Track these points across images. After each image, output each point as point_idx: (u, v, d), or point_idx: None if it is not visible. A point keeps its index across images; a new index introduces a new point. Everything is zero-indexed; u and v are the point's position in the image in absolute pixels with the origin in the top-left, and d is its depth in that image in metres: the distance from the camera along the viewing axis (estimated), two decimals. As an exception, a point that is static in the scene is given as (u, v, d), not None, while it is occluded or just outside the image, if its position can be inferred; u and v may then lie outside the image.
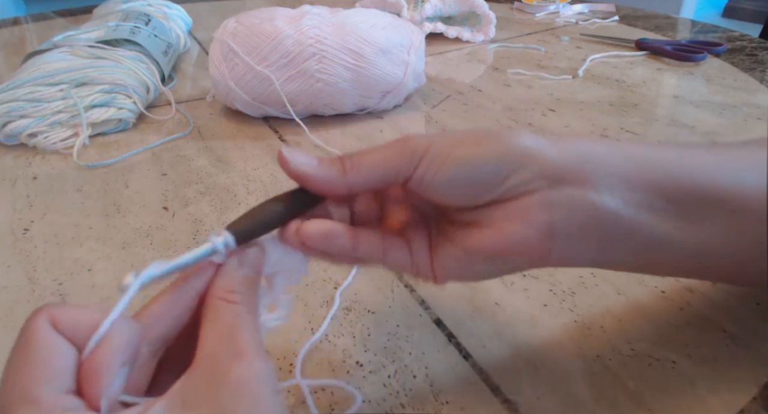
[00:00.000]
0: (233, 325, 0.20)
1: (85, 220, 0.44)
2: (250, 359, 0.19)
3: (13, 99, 0.54)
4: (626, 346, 0.31)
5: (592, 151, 0.25)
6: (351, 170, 0.24)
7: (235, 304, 0.21)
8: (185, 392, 0.19)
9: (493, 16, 0.83)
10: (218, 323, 0.21)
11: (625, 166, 0.25)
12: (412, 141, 0.24)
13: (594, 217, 0.24)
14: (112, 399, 0.18)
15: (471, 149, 0.24)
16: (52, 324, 0.19)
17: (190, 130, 0.58)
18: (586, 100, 0.64)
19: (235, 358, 0.19)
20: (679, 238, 0.25)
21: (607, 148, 0.25)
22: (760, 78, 0.69)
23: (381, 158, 0.24)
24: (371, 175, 0.24)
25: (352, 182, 0.24)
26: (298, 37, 0.54)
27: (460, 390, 0.29)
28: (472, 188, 0.24)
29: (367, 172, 0.24)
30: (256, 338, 0.20)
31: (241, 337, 0.20)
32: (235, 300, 0.22)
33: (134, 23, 0.68)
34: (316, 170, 0.24)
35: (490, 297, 0.35)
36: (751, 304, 0.33)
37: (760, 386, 0.28)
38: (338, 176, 0.24)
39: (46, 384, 0.17)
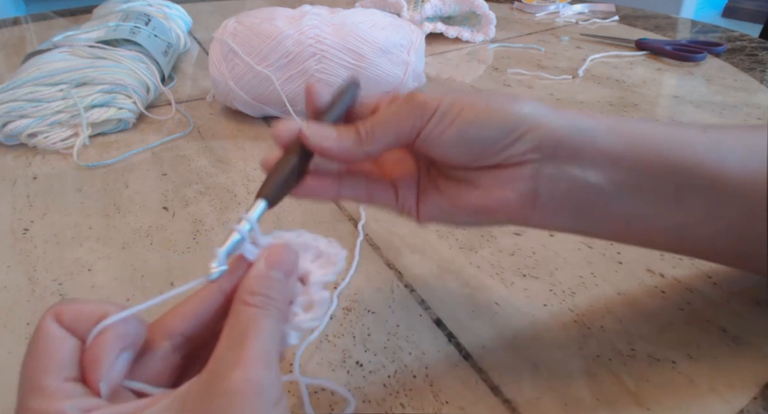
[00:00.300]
0: (246, 330, 0.20)
1: (85, 220, 0.44)
2: (249, 367, 0.19)
3: (13, 99, 0.54)
4: (626, 346, 0.31)
5: (586, 126, 0.26)
6: (367, 139, 0.26)
7: (254, 308, 0.21)
8: (187, 394, 0.19)
9: (493, 16, 0.83)
10: (233, 327, 0.20)
11: (614, 143, 0.26)
12: (421, 99, 0.25)
13: (576, 191, 0.26)
14: (113, 383, 0.19)
15: (479, 114, 0.25)
16: (57, 319, 0.20)
17: (190, 130, 0.58)
18: (586, 100, 0.64)
19: (234, 365, 0.19)
20: (657, 217, 0.26)
21: (599, 124, 0.26)
22: (760, 78, 0.69)
23: (393, 122, 0.26)
24: (385, 140, 0.26)
25: (369, 150, 0.26)
26: (298, 37, 0.54)
27: (460, 390, 0.29)
28: (473, 153, 0.26)
29: (381, 138, 0.26)
30: (268, 345, 0.20)
31: (247, 344, 0.19)
32: (255, 303, 0.21)
33: (134, 23, 0.68)
34: (335, 145, 0.25)
35: (490, 297, 0.35)
36: (751, 304, 0.33)
37: (760, 386, 0.28)
38: (356, 147, 0.26)
39: (50, 373, 0.19)
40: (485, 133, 0.25)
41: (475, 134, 0.25)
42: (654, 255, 0.38)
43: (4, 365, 0.31)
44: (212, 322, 0.22)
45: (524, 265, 0.37)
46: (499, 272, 0.37)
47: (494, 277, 0.37)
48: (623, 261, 0.38)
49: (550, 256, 0.38)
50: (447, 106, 0.25)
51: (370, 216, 0.43)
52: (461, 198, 0.27)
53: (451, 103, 0.25)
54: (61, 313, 0.20)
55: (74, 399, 0.18)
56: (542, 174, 0.25)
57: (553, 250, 0.39)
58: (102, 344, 0.19)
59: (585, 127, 0.26)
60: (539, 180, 0.26)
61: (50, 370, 0.19)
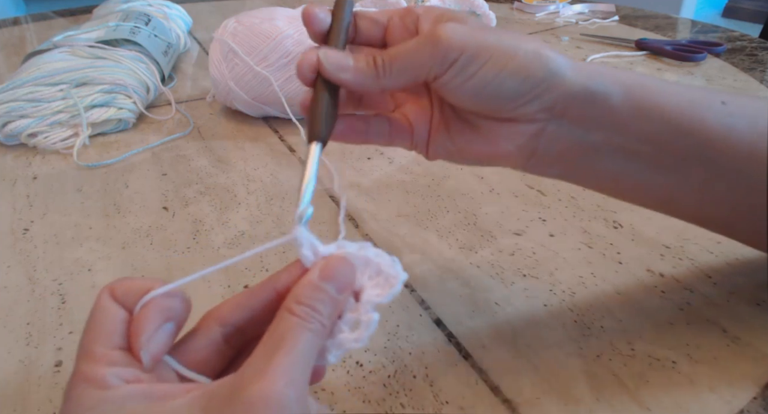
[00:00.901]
0: (281, 341, 0.19)
1: (85, 220, 0.44)
2: (272, 382, 0.18)
3: (13, 99, 0.54)
4: (626, 346, 0.31)
5: (603, 89, 0.26)
6: (384, 74, 0.25)
7: (296, 318, 0.20)
8: (213, 395, 0.18)
9: (493, 16, 0.83)
10: (272, 333, 0.20)
11: (626, 111, 0.26)
12: (445, 41, 0.24)
13: (574, 149, 0.27)
14: (154, 354, 0.20)
15: (502, 68, 0.25)
16: (110, 294, 0.21)
17: (190, 130, 0.58)
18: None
19: (256, 376, 0.18)
20: (650, 182, 0.27)
21: (616, 86, 0.26)
22: (760, 78, 0.69)
23: (413, 60, 0.25)
24: (402, 77, 0.25)
25: (384, 84, 0.26)
26: (298, 37, 0.54)
27: (460, 390, 0.29)
28: (488, 106, 0.26)
29: (398, 74, 0.25)
30: (299, 360, 0.19)
31: (277, 355, 0.19)
32: (299, 313, 0.20)
33: (134, 23, 0.68)
34: (352, 75, 0.25)
35: (490, 297, 0.35)
36: (751, 304, 0.33)
37: (760, 386, 0.28)
38: (372, 79, 0.25)
39: (99, 341, 0.20)
40: (504, 90, 0.25)
41: (494, 90, 0.25)
42: (654, 255, 0.38)
43: (4, 365, 0.31)
44: (263, 317, 0.22)
45: (524, 265, 0.37)
46: (499, 272, 0.37)
47: (494, 277, 0.37)
48: (623, 261, 0.38)
49: (550, 256, 0.38)
50: (470, 56, 0.24)
51: (370, 216, 0.43)
52: (467, 145, 0.28)
53: (475, 51, 0.24)
54: (114, 288, 0.21)
55: (118, 367, 0.19)
56: (546, 131, 0.26)
57: (553, 250, 0.39)
58: (145, 315, 0.20)
59: (601, 90, 0.26)
60: (542, 137, 0.27)
61: (100, 338, 0.20)
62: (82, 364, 0.19)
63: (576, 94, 0.25)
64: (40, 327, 0.34)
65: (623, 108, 0.26)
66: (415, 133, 0.29)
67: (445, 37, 0.24)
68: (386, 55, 0.25)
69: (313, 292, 0.21)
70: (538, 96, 0.25)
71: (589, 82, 0.26)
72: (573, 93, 0.25)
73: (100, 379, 0.19)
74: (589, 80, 0.26)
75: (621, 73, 0.27)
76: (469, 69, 0.25)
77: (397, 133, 0.29)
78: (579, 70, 0.26)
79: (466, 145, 0.28)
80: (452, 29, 0.24)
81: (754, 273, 0.35)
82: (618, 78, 0.26)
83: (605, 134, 0.26)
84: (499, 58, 0.25)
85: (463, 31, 0.25)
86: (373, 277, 0.23)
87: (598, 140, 0.26)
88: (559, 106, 0.26)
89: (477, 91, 0.25)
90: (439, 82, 0.25)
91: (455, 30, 0.25)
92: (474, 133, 0.28)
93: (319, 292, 0.21)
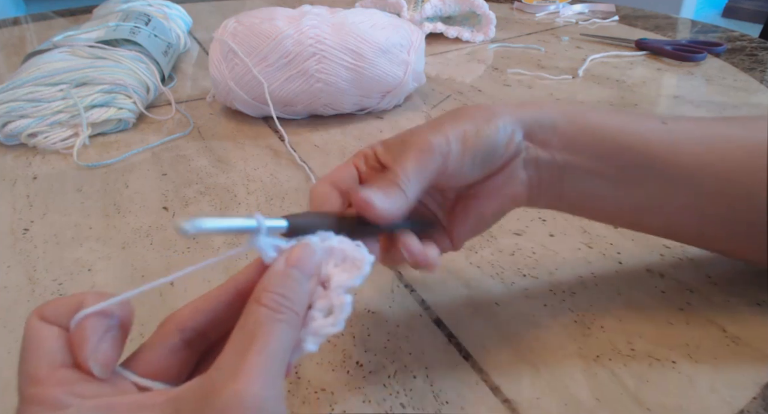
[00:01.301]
0: (253, 336, 0.19)
1: (85, 220, 0.44)
2: (248, 383, 0.17)
3: (13, 99, 0.54)
4: (626, 346, 0.31)
5: (547, 114, 0.29)
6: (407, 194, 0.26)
7: (266, 308, 0.19)
8: (181, 401, 0.18)
9: (493, 16, 0.83)
10: (242, 328, 0.19)
11: (568, 130, 0.29)
12: (433, 144, 0.26)
13: (553, 176, 0.29)
14: (104, 362, 0.19)
15: (479, 130, 0.27)
16: (39, 316, 0.20)
17: (190, 130, 0.58)
18: (586, 100, 0.64)
19: (230, 377, 0.17)
20: (614, 197, 0.30)
21: (557, 112, 0.29)
22: (760, 78, 0.69)
23: (422, 173, 0.26)
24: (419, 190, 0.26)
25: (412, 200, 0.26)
26: (298, 37, 0.54)
27: (460, 390, 0.29)
28: (487, 161, 0.28)
29: (415, 191, 0.26)
30: (274, 356, 0.18)
31: (250, 353, 0.18)
32: (268, 303, 0.20)
33: (134, 23, 0.68)
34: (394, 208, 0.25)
35: (490, 297, 0.35)
36: (751, 304, 0.33)
37: (760, 386, 0.28)
38: (404, 205, 0.26)
39: (40, 362, 0.19)
40: (491, 142, 0.28)
41: (485, 148, 0.28)
42: (654, 255, 0.38)
43: (4, 365, 0.31)
44: (226, 318, 0.22)
45: (524, 265, 0.37)
46: (499, 272, 0.37)
47: (494, 277, 0.37)
48: (623, 261, 0.38)
49: (550, 256, 0.38)
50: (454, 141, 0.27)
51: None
52: (481, 211, 0.30)
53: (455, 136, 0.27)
54: (42, 310, 0.20)
55: (69, 385, 0.18)
56: (529, 161, 0.29)
57: (553, 250, 0.39)
58: (84, 327, 0.20)
59: (547, 119, 0.29)
60: (528, 166, 0.29)
61: (39, 359, 0.19)
62: (29, 389, 0.18)
63: (530, 124, 0.29)
64: (40, 327, 0.34)
65: (568, 130, 0.29)
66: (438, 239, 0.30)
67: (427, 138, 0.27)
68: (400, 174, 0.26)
69: (281, 278, 0.21)
70: (514, 133, 0.28)
71: (535, 113, 0.29)
72: (530, 124, 0.29)
73: (53, 399, 0.18)
74: (536, 112, 0.29)
75: (563, 105, 0.30)
76: (459, 151, 0.27)
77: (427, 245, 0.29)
78: (524, 108, 0.29)
79: (481, 212, 0.30)
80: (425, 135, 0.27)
81: (754, 273, 0.35)
82: (560, 108, 0.30)
83: (564, 155, 0.29)
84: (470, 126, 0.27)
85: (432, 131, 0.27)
86: (339, 264, 0.23)
87: (562, 160, 0.29)
88: (526, 137, 0.29)
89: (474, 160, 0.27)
90: (446, 173, 0.27)
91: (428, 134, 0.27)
92: (480, 199, 0.29)
93: (287, 279, 0.21)
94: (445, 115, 0.29)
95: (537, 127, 0.29)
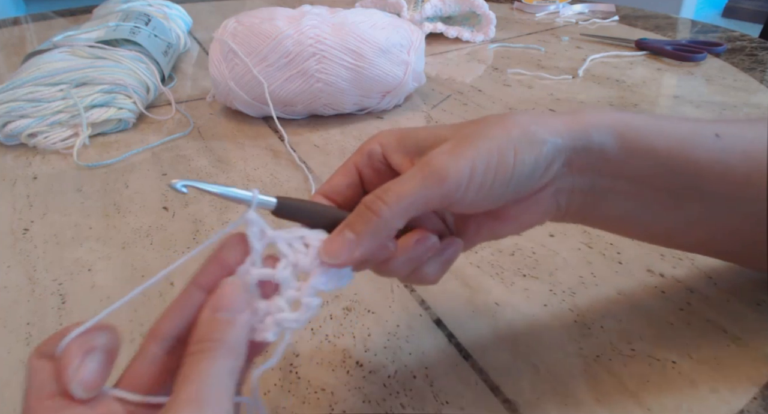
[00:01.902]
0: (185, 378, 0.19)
1: (85, 220, 0.44)
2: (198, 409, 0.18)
3: (13, 99, 0.54)
4: (626, 346, 0.31)
5: (595, 135, 0.26)
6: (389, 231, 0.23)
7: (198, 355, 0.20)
8: None
9: (493, 16, 0.83)
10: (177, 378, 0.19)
11: (622, 157, 0.26)
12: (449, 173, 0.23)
13: (584, 200, 0.27)
14: (87, 383, 0.19)
15: (513, 158, 0.24)
16: (36, 354, 0.21)
17: (190, 130, 0.58)
18: (586, 100, 0.64)
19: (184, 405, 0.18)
20: (652, 220, 0.28)
21: (611, 135, 0.26)
22: (760, 78, 0.69)
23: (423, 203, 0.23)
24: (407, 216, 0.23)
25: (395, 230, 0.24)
26: (298, 37, 0.54)
27: (460, 390, 0.29)
28: (513, 193, 0.25)
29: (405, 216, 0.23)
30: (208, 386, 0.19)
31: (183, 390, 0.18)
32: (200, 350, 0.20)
33: (134, 23, 0.68)
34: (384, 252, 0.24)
35: (490, 297, 0.35)
36: (751, 304, 0.33)
37: (760, 386, 0.28)
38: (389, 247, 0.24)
39: (32, 395, 0.19)
40: (519, 183, 0.25)
41: (516, 184, 0.25)
42: (654, 255, 0.38)
43: (4, 365, 0.31)
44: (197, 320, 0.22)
45: (524, 265, 0.37)
46: (499, 272, 0.37)
47: (494, 277, 0.37)
48: (623, 261, 0.38)
49: (550, 256, 0.38)
50: (480, 174, 0.23)
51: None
52: (495, 231, 0.27)
53: (482, 168, 0.23)
54: (39, 347, 0.21)
55: (54, 412, 0.19)
56: (562, 189, 0.26)
57: (553, 250, 0.39)
58: (65, 353, 0.20)
59: (595, 141, 0.26)
60: (560, 195, 0.27)
61: (30, 393, 0.19)
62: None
63: (574, 149, 0.25)
64: (40, 327, 0.34)
65: (618, 155, 0.26)
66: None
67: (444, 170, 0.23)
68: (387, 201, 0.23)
69: (209, 325, 0.20)
70: (551, 164, 0.25)
71: (583, 135, 0.26)
72: (572, 145, 0.25)
73: None
74: (584, 134, 0.26)
75: (611, 117, 0.26)
76: (486, 184, 0.24)
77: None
78: (570, 128, 0.25)
79: (494, 231, 0.28)
80: (446, 160, 0.23)
81: (754, 273, 0.35)
82: (609, 124, 0.26)
83: (606, 180, 0.26)
84: (501, 160, 0.24)
85: (455, 155, 0.24)
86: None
87: (602, 186, 0.26)
88: (567, 163, 0.26)
89: (502, 194, 0.25)
90: (456, 205, 0.24)
91: (449, 159, 0.23)
92: (497, 220, 0.27)
93: (216, 323, 0.20)
94: (477, 126, 0.25)
95: (583, 152, 0.26)
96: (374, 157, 0.27)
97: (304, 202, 0.25)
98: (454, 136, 0.25)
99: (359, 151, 0.27)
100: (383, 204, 0.23)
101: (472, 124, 0.26)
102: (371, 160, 0.27)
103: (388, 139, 0.27)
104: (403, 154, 0.26)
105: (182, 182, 0.22)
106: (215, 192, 0.22)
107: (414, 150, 0.26)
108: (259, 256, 0.22)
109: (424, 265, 0.26)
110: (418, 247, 0.25)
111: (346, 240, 0.23)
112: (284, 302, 0.22)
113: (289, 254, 0.23)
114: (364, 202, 0.23)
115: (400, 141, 0.27)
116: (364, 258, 0.23)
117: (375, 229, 0.23)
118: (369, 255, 0.23)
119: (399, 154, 0.26)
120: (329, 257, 0.22)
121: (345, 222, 0.23)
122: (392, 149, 0.27)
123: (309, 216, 0.24)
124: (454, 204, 0.24)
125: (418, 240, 0.25)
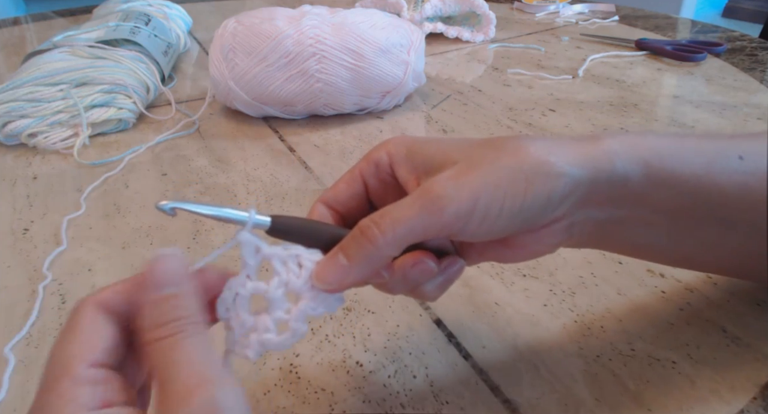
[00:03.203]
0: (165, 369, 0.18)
1: (85, 220, 0.44)
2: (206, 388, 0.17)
3: (13, 99, 0.54)
4: (626, 346, 0.31)
5: (619, 167, 0.24)
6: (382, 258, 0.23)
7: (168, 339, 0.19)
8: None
9: (493, 16, 0.83)
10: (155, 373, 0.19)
11: (641, 184, 0.24)
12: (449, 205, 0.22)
13: (599, 229, 0.26)
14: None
15: (521, 197, 0.23)
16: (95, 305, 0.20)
17: (194, 129, 0.58)
18: (586, 100, 0.64)
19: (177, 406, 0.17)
20: (668, 246, 0.27)
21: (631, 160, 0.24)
22: (760, 78, 0.69)
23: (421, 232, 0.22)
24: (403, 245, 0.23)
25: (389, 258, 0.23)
26: (298, 37, 0.54)
27: (460, 390, 0.29)
28: (523, 228, 0.24)
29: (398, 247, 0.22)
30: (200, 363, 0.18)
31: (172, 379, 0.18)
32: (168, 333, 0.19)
33: (134, 23, 0.68)
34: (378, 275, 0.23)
35: (490, 297, 0.35)
36: (751, 304, 0.33)
37: (760, 386, 0.28)
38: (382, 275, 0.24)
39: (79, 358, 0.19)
40: (529, 216, 0.23)
41: (521, 220, 0.23)
42: (654, 255, 0.38)
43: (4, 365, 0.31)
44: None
45: (524, 265, 0.37)
46: (499, 272, 0.37)
47: (494, 277, 0.37)
48: (623, 261, 0.38)
49: (550, 255, 0.38)
50: (484, 206, 0.22)
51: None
52: (499, 258, 0.26)
53: (486, 199, 0.22)
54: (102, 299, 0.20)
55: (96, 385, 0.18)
56: (575, 222, 0.25)
57: (553, 250, 0.39)
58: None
59: (619, 173, 0.24)
60: (573, 228, 0.25)
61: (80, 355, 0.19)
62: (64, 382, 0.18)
63: (596, 181, 0.24)
64: (40, 327, 0.34)
65: (641, 185, 0.24)
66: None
67: (445, 200, 0.22)
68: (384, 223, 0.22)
69: (161, 307, 0.19)
70: (563, 200, 0.24)
71: (606, 166, 0.24)
72: (589, 178, 0.24)
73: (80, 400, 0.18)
74: (607, 164, 0.24)
75: (635, 143, 0.25)
76: (490, 216, 0.22)
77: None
78: (591, 156, 0.24)
79: (503, 257, 0.26)
80: (448, 188, 0.22)
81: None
82: (634, 151, 0.24)
83: (625, 210, 0.25)
84: (510, 193, 0.23)
85: (459, 184, 0.22)
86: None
87: (620, 216, 0.25)
88: (582, 198, 0.24)
89: (506, 228, 0.23)
90: (458, 235, 0.23)
91: (452, 188, 0.22)
92: (505, 247, 0.26)
93: (159, 304, 0.19)
94: (488, 150, 0.23)
95: (605, 184, 0.24)
96: (381, 168, 0.26)
97: (300, 220, 0.24)
98: (463, 159, 0.23)
99: (366, 159, 0.26)
100: (378, 231, 0.22)
101: (484, 146, 0.24)
102: (378, 170, 0.26)
103: (398, 148, 0.26)
104: (411, 170, 0.25)
105: (170, 204, 0.21)
106: (207, 214, 0.21)
107: (422, 167, 0.25)
108: (253, 271, 0.22)
109: (422, 284, 0.25)
110: (413, 271, 0.24)
111: (339, 266, 0.22)
112: (272, 323, 0.21)
113: (282, 273, 0.22)
114: (360, 227, 0.22)
115: (409, 154, 0.25)
116: (356, 284, 0.23)
117: (368, 256, 0.22)
118: (362, 282, 0.23)
119: (406, 168, 0.25)
120: (321, 283, 0.22)
121: (340, 245, 0.23)
122: (400, 161, 0.26)
123: (304, 236, 0.24)
124: (454, 234, 0.23)
125: (415, 264, 0.24)
